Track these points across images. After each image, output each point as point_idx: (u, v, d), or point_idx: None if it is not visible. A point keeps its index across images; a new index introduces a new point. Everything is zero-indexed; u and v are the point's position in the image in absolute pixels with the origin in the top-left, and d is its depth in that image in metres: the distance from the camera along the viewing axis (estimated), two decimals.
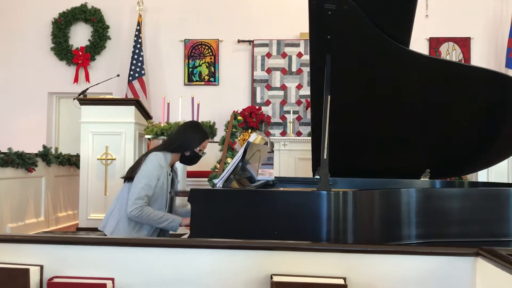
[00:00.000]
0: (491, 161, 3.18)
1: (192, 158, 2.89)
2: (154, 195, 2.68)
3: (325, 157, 2.31)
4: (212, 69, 7.56)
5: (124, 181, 2.80)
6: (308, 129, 7.08)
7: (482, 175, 4.64)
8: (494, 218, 2.55)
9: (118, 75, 6.29)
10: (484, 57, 7.27)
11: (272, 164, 6.31)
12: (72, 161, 5.71)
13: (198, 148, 2.87)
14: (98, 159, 4.89)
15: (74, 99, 5.16)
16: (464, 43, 7.28)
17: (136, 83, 7.29)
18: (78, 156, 5.43)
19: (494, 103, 2.79)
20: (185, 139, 2.84)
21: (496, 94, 2.73)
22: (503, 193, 2.59)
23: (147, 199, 2.63)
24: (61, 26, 7.61)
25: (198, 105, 5.27)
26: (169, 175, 2.79)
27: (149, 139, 5.09)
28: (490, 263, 1.44)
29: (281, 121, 7.39)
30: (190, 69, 7.57)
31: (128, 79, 7.30)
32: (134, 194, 2.61)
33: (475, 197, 2.59)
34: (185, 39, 7.57)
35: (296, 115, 7.32)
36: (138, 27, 7.42)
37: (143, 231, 2.65)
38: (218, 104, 7.28)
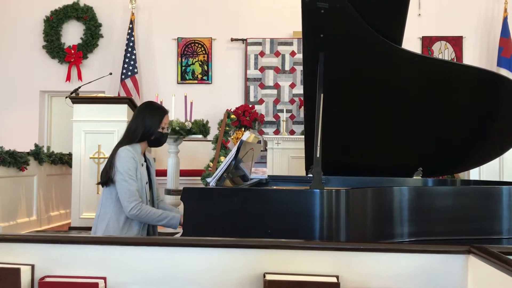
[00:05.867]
0: (483, 159, 3.20)
1: (159, 140, 2.81)
2: None
3: (318, 155, 2.31)
4: (205, 67, 7.54)
5: (102, 186, 2.70)
6: (301, 127, 7.09)
7: (474, 174, 4.67)
8: (486, 216, 2.57)
9: (111, 74, 6.26)
10: (476, 55, 7.32)
11: (266, 162, 6.31)
12: (64, 160, 5.68)
13: (161, 127, 2.78)
14: (90, 157, 4.87)
15: (66, 97, 5.13)
16: (456, 42, 7.31)
17: (128, 82, 7.26)
18: (70, 154, 5.40)
19: (486, 101, 2.81)
20: (145, 125, 2.73)
21: (488, 93, 2.75)
22: (495, 191, 2.61)
23: (138, 194, 2.60)
24: (53, 24, 7.56)
25: (191, 103, 5.25)
26: (142, 165, 2.73)
27: None
28: (481, 261, 1.45)
29: (274, 119, 7.39)
30: (183, 68, 7.55)
31: (121, 77, 7.27)
32: (126, 194, 2.57)
33: (467, 195, 2.61)
34: (178, 37, 7.55)
35: (289, 114, 7.33)
36: (130, 25, 7.39)
37: (132, 229, 2.64)
38: (211, 102, 7.27)
